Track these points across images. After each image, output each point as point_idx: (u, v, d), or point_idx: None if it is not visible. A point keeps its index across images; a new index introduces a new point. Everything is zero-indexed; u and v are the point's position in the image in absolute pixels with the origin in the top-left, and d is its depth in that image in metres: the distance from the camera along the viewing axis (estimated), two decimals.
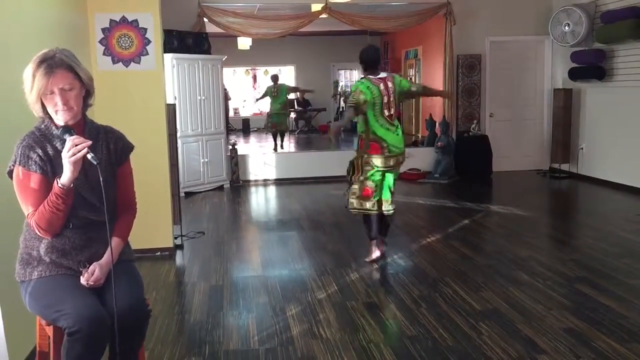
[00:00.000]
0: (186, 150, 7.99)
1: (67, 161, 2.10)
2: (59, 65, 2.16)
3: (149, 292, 4.18)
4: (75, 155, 2.09)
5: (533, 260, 4.73)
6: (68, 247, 2.27)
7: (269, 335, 3.44)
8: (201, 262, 4.96)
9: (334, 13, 8.75)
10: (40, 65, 2.14)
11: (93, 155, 2.12)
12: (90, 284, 2.24)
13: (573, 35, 8.29)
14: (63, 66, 2.17)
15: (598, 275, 4.34)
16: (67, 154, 2.10)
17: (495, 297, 3.95)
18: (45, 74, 2.13)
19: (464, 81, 9.23)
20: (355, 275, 4.48)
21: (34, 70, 2.14)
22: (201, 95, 8.15)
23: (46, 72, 2.13)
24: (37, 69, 2.14)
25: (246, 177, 9.01)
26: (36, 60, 2.16)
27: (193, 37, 8.15)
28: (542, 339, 3.27)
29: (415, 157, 9.32)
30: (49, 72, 2.13)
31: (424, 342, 3.28)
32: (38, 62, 2.15)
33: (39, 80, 2.13)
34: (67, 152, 2.10)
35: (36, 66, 2.14)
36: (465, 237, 5.56)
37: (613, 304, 3.76)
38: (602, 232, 5.60)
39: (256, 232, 6.23)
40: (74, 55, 2.25)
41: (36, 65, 2.14)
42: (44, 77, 2.13)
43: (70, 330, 2.07)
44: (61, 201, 2.15)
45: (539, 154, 9.56)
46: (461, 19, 8.98)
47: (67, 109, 2.19)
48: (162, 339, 3.41)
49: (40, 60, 2.15)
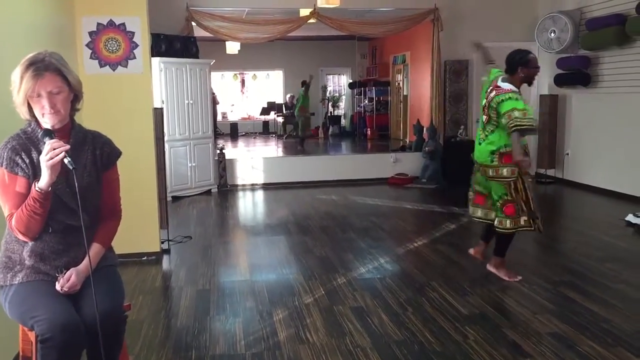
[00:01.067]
0: (174, 154, 7.96)
1: (45, 165, 2.09)
2: (48, 69, 2.15)
3: (135, 297, 4.16)
4: (52, 159, 2.08)
5: (519, 265, 4.75)
6: (47, 251, 2.26)
7: (256, 339, 3.43)
8: (188, 267, 4.94)
9: (323, 18, 8.77)
10: (29, 68, 2.13)
11: (70, 160, 2.10)
12: (65, 290, 2.22)
13: (559, 42, 8.38)
14: (52, 69, 2.16)
15: (583, 280, 4.38)
16: (45, 157, 2.08)
17: (481, 301, 3.97)
18: (33, 77, 2.12)
19: (451, 87, 9.29)
20: (342, 280, 4.48)
21: (23, 72, 2.13)
22: (189, 99, 8.14)
23: (34, 75, 2.12)
24: (26, 71, 2.12)
25: (234, 181, 8.99)
26: (25, 63, 2.15)
27: (181, 41, 8.13)
28: (527, 343, 3.30)
29: (403, 162, 9.39)
30: (37, 74, 2.12)
31: (411, 347, 3.29)
32: (27, 64, 2.14)
33: (26, 82, 2.12)
34: (45, 156, 2.09)
35: (25, 68, 2.13)
36: (452, 241, 5.59)
37: (597, 308, 3.79)
38: (587, 237, 5.65)
39: (243, 236, 6.22)
40: (63, 59, 2.25)
41: (25, 67, 2.13)
42: (32, 79, 2.12)
43: (43, 337, 2.05)
44: (39, 205, 2.13)
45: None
46: (449, 25, 9.04)
47: (54, 113, 2.17)
48: (148, 344, 3.39)
49: (30, 63, 2.14)
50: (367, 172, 9.33)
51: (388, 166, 9.37)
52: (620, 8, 7.36)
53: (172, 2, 8.25)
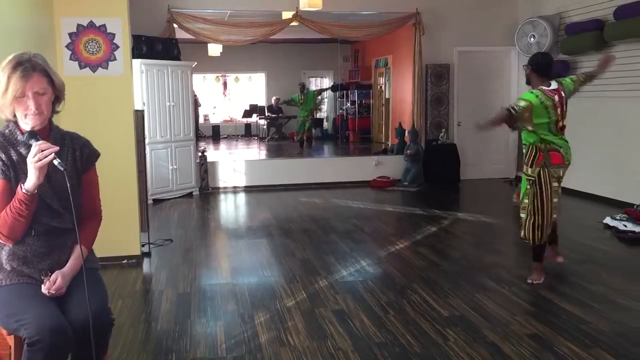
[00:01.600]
0: (155, 156, 7.91)
1: (33, 166, 2.07)
2: (35, 69, 2.14)
3: (115, 300, 4.13)
4: (41, 161, 2.07)
5: (499, 267, 4.80)
6: (29, 254, 2.24)
7: (237, 343, 3.42)
8: (169, 270, 4.91)
9: (305, 21, 8.79)
10: (17, 68, 2.11)
11: (60, 162, 2.10)
12: (52, 292, 2.20)
13: (538, 47, 8.47)
14: (39, 70, 2.16)
15: (561, 282, 4.43)
16: (33, 159, 2.07)
17: (461, 303, 4.00)
18: (22, 77, 2.11)
19: (432, 90, 9.36)
20: (324, 283, 4.49)
21: (10, 72, 2.11)
22: (170, 101, 8.10)
23: (23, 75, 2.11)
24: (13, 71, 2.11)
25: (216, 184, 8.96)
26: (12, 62, 2.13)
27: (162, 42, 8.09)
28: (506, 344, 3.33)
29: (385, 165, 9.43)
30: (26, 75, 2.11)
31: (392, 349, 3.31)
32: (14, 65, 2.12)
33: (15, 82, 2.10)
34: (32, 158, 2.07)
35: (12, 68, 2.11)
36: (433, 244, 5.62)
37: (575, 309, 3.84)
38: (566, 239, 5.70)
39: (225, 239, 6.20)
40: (46, 61, 2.24)
41: (12, 67, 2.12)
42: (21, 79, 2.11)
43: (31, 340, 2.04)
44: (24, 207, 2.11)
45: (506, 162, 9.73)
46: (430, 29, 9.11)
47: (38, 114, 2.17)
48: (128, 348, 3.36)
49: (17, 63, 2.13)
50: (350, 174, 9.35)
51: (370, 169, 9.40)
52: (599, 14, 7.48)
53: (153, 3, 8.21)
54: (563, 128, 4.49)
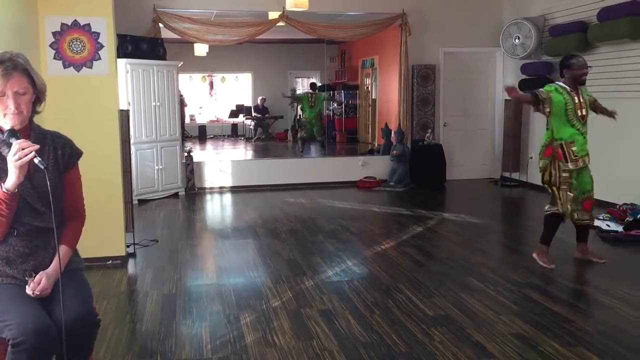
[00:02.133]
0: (140, 156, 7.87)
1: (13, 165, 2.06)
2: (16, 68, 2.13)
3: (99, 301, 4.09)
4: (21, 159, 2.05)
5: (484, 267, 4.83)
6: (12, 255, 2.22)
7: (223, 343, 3.41)
8: (154, 271, 4.88)
9: (291, 21, 8.78)
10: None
11: (40, 160, 2.08)
12: (37, 293, 2.19)
13: (523, 48, 8.55)
14: (20, 70, 2.14)
15: (545, 281, 4.47)
16: (13, 157, 2.05)
17: (447, 303, 4.02)
18: (2, 76, 2.10)
19: (418, 91, 9.39)
20: (310, 283, 4.49)
21: None
22: (156, 101, 8.05)
23: (4, 74, 2.10)
24: None
25: (202, 184, 8.92)
26: None
27: (148, 42, 8.05)
28: (491, 343, 3.35)
29: (371, 165, 9.45)
30: (6, 74, 2.10)
31: (378, 349, 3.31)
32: None
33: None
34: (13, 156, 2.05)
35: None
36: (419, 244, 5.65)
37: (559, 308, 3.88)
38: None
39: (211, 239, 6.18)
40: (28, 60, 2.23)
41: None
42: (1, 78, 2.10)
43: (15, 342, 2.02)
44: (5, 206, 2.10)
45: (491, 162, 9.79)
46: (416, 30, 9.14)
47: (17, 113, 2.15)
48: (113, 349, 3.34)
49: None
50: (336, 175, 9.36)
51: (357, 169, 9.42)
52: (583, 15, 7.55)
53: (139, 3, 8.16)
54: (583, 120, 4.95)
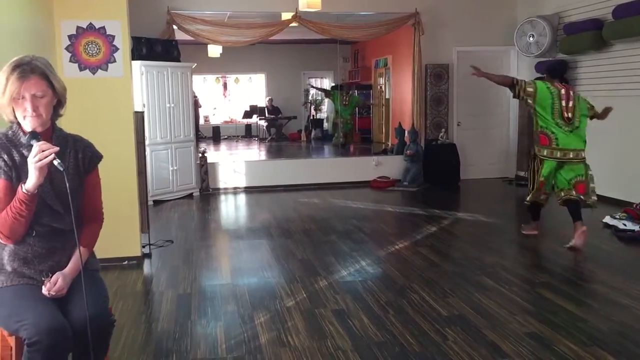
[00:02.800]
0: (155, 158, 7.93)
1: (33, 167, 2.09)
2: (34, 72, 2.16)
3: (116, 301, 4.14)
4: (41, 161, 2.08)
5: (498, 266, 4.82)
6: (30, 255, 2.26)
7: (237, 343, 3.44)
8: (169, 271, 4.92)
9: (304, 22, 8.80)
10: (15, 70, 2.14)
11: (60, 162, 2.11)
12: (52, 294, 2.22)
13: (537, 46, 8.49)
14: (37, 73, 2.17)
15: (560, 280, 4.45)
16: (34, 159, 2.09)
17: (461, 303, 4.01)
18: (18, 79, 2.13)
19: (432, 90, 9.37)
20: (324, 283, 4.50)
21: (8, 74, 2.14)
22: (170, 102, 8.11)
23: (20, 77, 2.13)
24: (12, 73, 2.14)
25: (216, 185, 8.97)
26: (11, 65, 2.16)
27: (162, 44, 8.11)
28: (505, 343, 3.34)
29: (385, 165, 9.45)
30: (22, 77, 2.13)
31: (391, 348, 3.32)
32: (13, 67, 2.15)
33: (12, 84, 2.13)
34: (33, 158, 2.09)
35: (10, 70, 2.14)
36: (433, 243, 5.64)
37: (574, 308, 3.86)
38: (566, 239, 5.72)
39: (225, 240, 6.21)
40: (49, 64, 2.26)
41: (10, 69, 2.14)
42: (17, 81, 2.13)
43: (30, 341, 2.05)
44: (24, 207, 2.13)
45: (506, 162, 9.74)
46: (429, 29, 9.12)
47: (35, 116, 2.18)
48: (129, 349, 3.38)
49: (16, 65, 2.15)
50: (349, 175, 9.36)
51: (370, 169, 9.41)
52: (598, 13, 7.49)
53: (153, 5, 8.23)
54: (569, 120, 5.40)
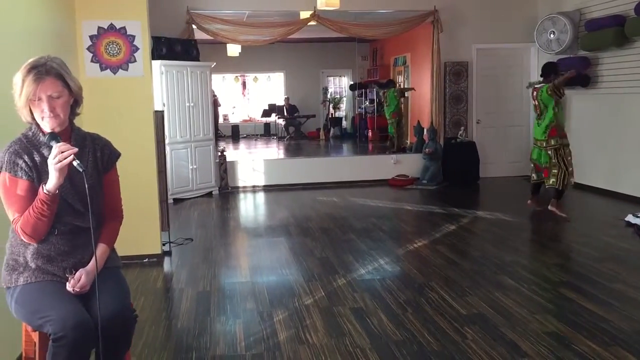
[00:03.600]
0: (175, 156, 8.00)
1: (53, 167, 2.12)
2: (49, 73, 2.19)
3: (137, 298, 4.20)
4: (61, 162, 2.11)
5: (518, 265, 4.78)
6: (53, 253, 2.29)
7: (256, 340, 3.46)
8: (189, 269, 4.97)
9: (323, 20, 8.81)
10: (31, 72, 2.17)
11: (79, 163, 2.14)
12: (76, 290, 2.26)
13: (558, 43, 8.40)
14: (53, 74, 2.20)
15: (581, 280, 4.40)
16: (53, 160, 2.12)
17: (480, 301, 3.99)
18: (34, 80, 2.16)
19: (451, 88, 9.32)
20: (342, 281, 4.51)
21: (24, 76, 2.17)
22: (190, 101, 8.17)
23: (35, 79, 2.16)
24: (27, 75, 2.17)
25: (235, 183, 9.02)
26: (27, 67, 2.19)
27: (182, 43, 8.17)
28: (525, 342, 3.32)
29: (404, 163, 9.42)
30: (38, 78, 2.16)
31: (410, 347, 3.32)
32: (28, 69, 2.18)
33: (28, 85, 2.16)
34: (53, 159, 2.12)
35: (26, 72, 2.18)
36: (452, 242, 5.61)
37: (595, 307, 3.82)
38: (586, 237, 5.67)
39: (244, 238, 6.25)
40: (64, 64, 2.29)
41: (26, 71, 2.18)
42: (33, 83, 2.16)
43: (56, 336, 2.09)
44: (46, 207, 2.17)
45: (526, 160, 9.61)
46: (448, 27, 9.08)
47: (53, 116, 2.21)
48: (150, 345, 3.42)
49: (31, 67, 2.18)
50: (368, 173, 9.35)
51: (389, 167, 9.40)
52: (620, 9, 7.39)
53: (172, 5, 8.29)
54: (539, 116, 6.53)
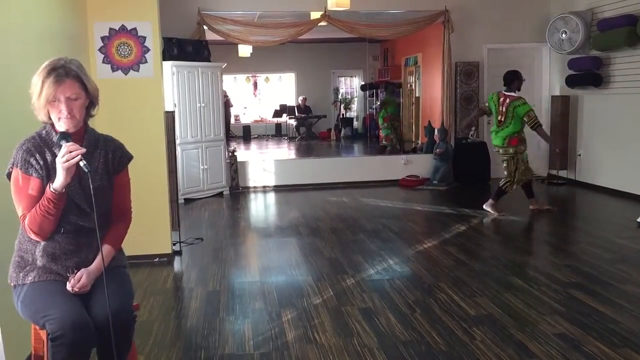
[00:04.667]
0: (186, 157, 8.04)
1: (61, 167, 2.15)
2: (68, 75, 2.22)
3: (147, 297, 4.23)
4: (68, 162, 2.14)
5: (528, 266, 4.77)
6: (58, 251, 2.32)
7: (264, 340, 3.48)
8: (199, 268, 5.00)
9: (333, 21, 8.82)
10: (51, 74, 2.20)
11: (85, 163, 2.17)
12: (76, 290, 2.28)
13: (570, 43, 8.35)
14: (72, 76, 2.23)
15: (592, 281, 4.38)
16: (61, 159, 2.15)
17: (489, 302, 3.98)
18: (54, 82, 2.19)
19: (462, 88, 9.29)
20: (351, 281, 4.51)
21: (44, 77, 2.20)
22: (201, 102, 8.21)
23: (56, 81, 2.19)
24: (47, 76, 2.19)
25: (246, 183, 9.06)
26: (47, 68, 2.21)
27: (193, 44, 8.21)
28: (534, 343, 3.31)
29: (414, 164, 9.40)
30: (58, 80, 2.19)
31: (418, 347, 3.32)
32: (49, 70, 2.21)
33: (48, 87, 2.19)
34: (61, 158, 2.15)
35: (46, 73, 2.20)
36: (462, 243, 5.60)
37: (605, 309, 3.79)
38: (598, 238, 5.63)
39: (254, 238, 6.27)
40: (82, 66, 2.32)
41: (46, 72, 2.20)
42: (54, 85, 2.19)
43: (54, 335, 2.11)
44: (52, 205, 2.19)
45: (537, 160, 9.56)
46: (459, 27, 9.05)
47: (70, 118, 2.24)
48: (159, 344, 3.45)
49: (51, 68, 2.21)
50: (379, 174, 9.34)
51: (399, 168, 9.39)
52: (632, 9, 7.33)
53: (183, 6, 8.34)
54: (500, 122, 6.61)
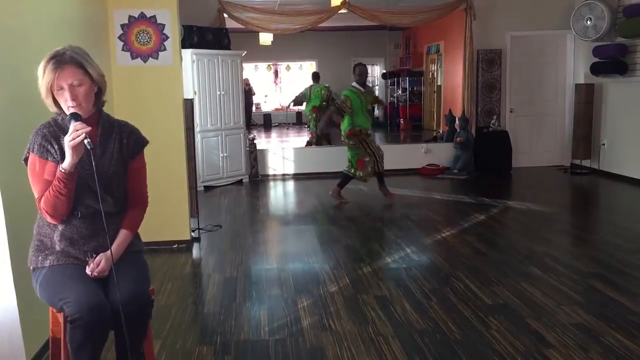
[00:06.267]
0: (206, 144, 8.09)
1: (68, 145, 2.18)
2: (67, 62, 2.24)
3: (165, 283, 4.28)
4: (74, 140, 2.16)
5: (547, 256, 4.71)
6: (76, 236, 2.35)
7: (280, 326, 3.50)
8: (217, 255, 5.04)
9: (353, 8, 8.76)
10: (50, 61, 2.23)
11: (89, 141, 2.18)
12: (95, 274, 2.31)
13: (595, 30, 8.19)
14: (72, 62, 2.25)
15: (612, 271, 4.31)
16: (68, 138, 2.17)
17: (506, 292, 3.95)
18: (53, 70, 2.22)
19: (484, 76, 9.17)
20: (367, 269, 4.51)
21: (44, 65, 2.23)
22: (221, 90, 8.24)
23: (54, 68, 2.22)
24: (47, 64, 2.23)
25: (265, 171, 9.09)
26: (47, 57, 2.25)
27: (213, 32, 8.23)
28: (550, 333, 3.28)
29: (435, 153, 9.34)
30: (56, 67, 2.22)
31: (433, 336, 3.31)
32: (48, 58, 2.24)
33: (47, 74, 2.22)
34: (68, 137, 2.18)
35: (46, 62, 2.24)
36: (481, 232, 5.56)
37: (625, 299, 3.74)
38: (620, 229, 5.55)
39: (272, 225, 6.30)
40: (85, 53, 2.33)
41: (46, 61, 2.24)
42: (52, 72, 2.22)
43: (72, 318, 2.15)
44: (63, 185, 2.22)
45: (560, 149, 9.46)
46: (481, 14, 8.92)
47: (76, 105, 2.26)
48: (175, 328, 3.49)
49: (51, 57, 2.24)
50: (399, 162, 9.28)
51: (419, 156, 9.33)
52: None
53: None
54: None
